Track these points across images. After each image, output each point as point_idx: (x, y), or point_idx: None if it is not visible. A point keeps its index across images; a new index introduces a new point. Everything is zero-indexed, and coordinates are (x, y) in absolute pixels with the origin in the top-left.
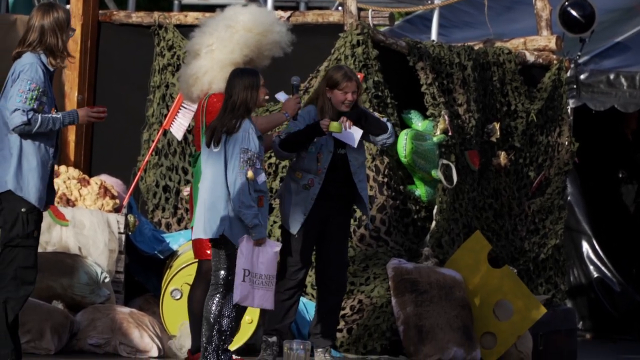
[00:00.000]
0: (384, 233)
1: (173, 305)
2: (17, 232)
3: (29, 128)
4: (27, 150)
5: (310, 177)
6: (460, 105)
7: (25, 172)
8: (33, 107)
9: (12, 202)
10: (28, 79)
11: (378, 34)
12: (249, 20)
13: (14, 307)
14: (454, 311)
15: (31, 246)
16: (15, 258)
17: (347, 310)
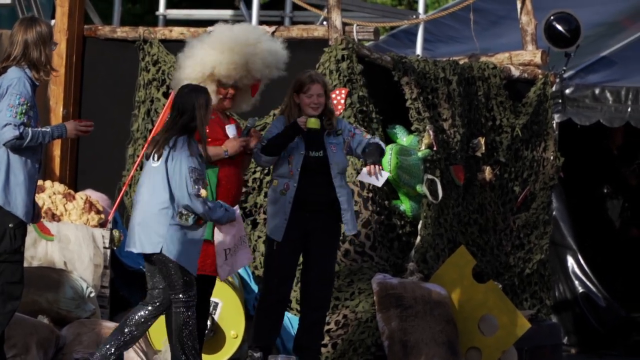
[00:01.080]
0: (369, 248)
1: (159, 320)
2: (4, 248)
3: (20, 142)
4: (14, 165)
5: (285, 182)
6: (445, 120)
7: (13, 186)
8: (23, 121)
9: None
10: (17, 93)
11: (363, 49)
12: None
13: (1, 322)
14: (439, 326)
15: (18, 261)
16: (2, 273)
17: (332, 325)
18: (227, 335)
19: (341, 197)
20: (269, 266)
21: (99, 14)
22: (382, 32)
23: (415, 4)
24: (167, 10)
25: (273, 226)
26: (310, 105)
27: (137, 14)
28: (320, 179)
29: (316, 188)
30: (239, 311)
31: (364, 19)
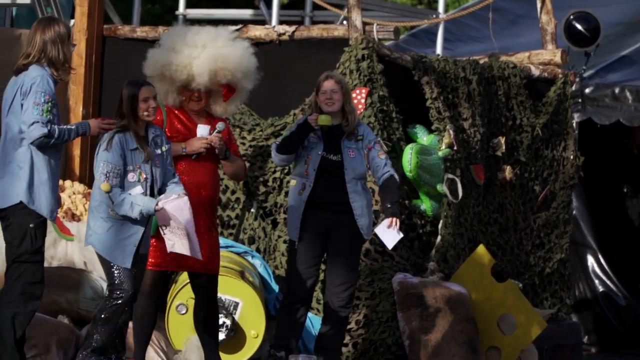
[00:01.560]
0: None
1: (178, 320)
2: (25, 248)
3: (47, 140)
4: (38, 164)
5: (303, 182)
6: (465, 120)
7: (37, 185)
8: (49, 118)
9: (21, 217)
10: (41, 91)
11: (383, 48)
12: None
13: (22, 322)
14: (459, 325)
15: (38, 262)
16: (23, 273)
17: (353, 325)
18: (248, 334)
19: (354, 203)
20: (290, 266)
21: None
22: (402, 31)
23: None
24: (187, 10)
25: (290, 226)
26: (325, 101)
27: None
28: (336, 182)
29: (332, 190)
30: (259, 311)
31: (384, 18)
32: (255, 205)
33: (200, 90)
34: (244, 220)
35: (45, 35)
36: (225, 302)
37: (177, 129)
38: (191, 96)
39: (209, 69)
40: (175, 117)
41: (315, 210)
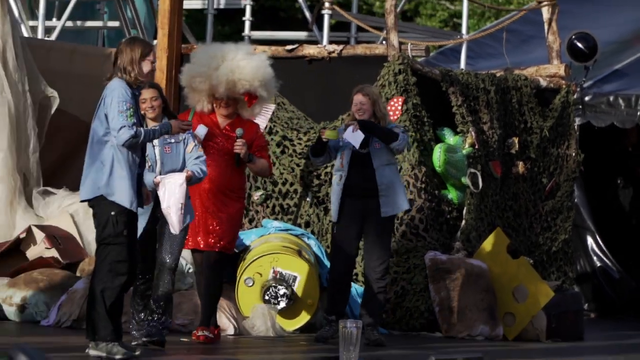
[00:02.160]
0: (422, 230)
1: (246, 291)
2: (108, 232)
3: (135, 140)
4: (117, 162)
5: (340, 174)
6: (484, 123)
7: (117, 179)
8: (134, 121)
9: (104, 206)
10: (122, 100)
11: (416, 64)
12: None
13: (110, 295)
14: (480, 295)
15: (122, 243)
16: (109, 254)
17: (392, 295)
18: (305, 303)
19: (381, 185)
20: (332, 245)
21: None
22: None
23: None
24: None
25: (333, 212)
26: (356, 112)
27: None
28: (366, 170)
29: (363, 179)
30: (314, 283)
31: (417, 38)
32: (310, 195)
33: (226, 98)
34: (300, 208)
35: (125, 53)
36: (285, 276)
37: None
38: (220, 103)
39: (227, 80)
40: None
41: (350, 197)
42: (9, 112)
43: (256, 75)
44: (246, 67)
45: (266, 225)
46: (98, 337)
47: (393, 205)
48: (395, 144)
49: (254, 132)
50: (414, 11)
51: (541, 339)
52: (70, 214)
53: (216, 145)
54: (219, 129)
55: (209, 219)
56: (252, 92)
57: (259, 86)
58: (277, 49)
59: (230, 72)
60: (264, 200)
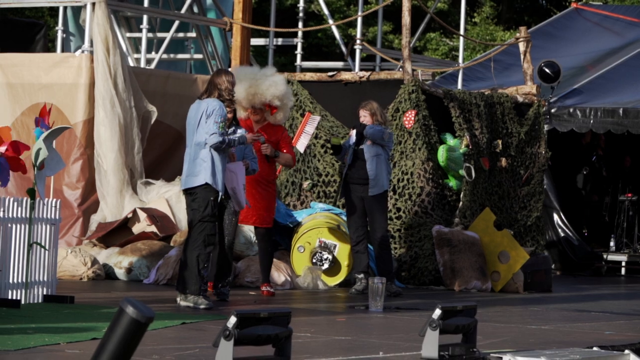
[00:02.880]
0: (430, 209)
1: (299, 256)
2: (208, 212)
3: (221, 145)
4: (215, 159)
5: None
6: (476, 129)
7: (217, 172)
8: (223, 132)
9: (205, 192)
10: (220, 114)
11: (424, 85)
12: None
13: (203, 259)
14: (474, 257)
15: (214, 221)
16: (204, 229)
17: (407, 258)
18: (342, 265)
19: (370, 172)
20: (347, 222)
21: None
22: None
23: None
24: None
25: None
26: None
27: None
28: (359, 163)
29: (357, 169)
30: (348, 250)
31: (425, 66)
32: None
33: (255, 108)
34: (339, 193)
35: (223, 80)
36: (328, 244)
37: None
38: (250, 112)
39: (246, 94)
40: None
41: (352, 184)
42: (119, 122)
43: (269, 90)
44: (262, 84)
45: (313, 206)
46: (189, 291)
47: (379, 187)
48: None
49: (280, 134)
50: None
51: (520, 291)
52: (166, 199)
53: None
54: (253, 132)
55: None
56: (270, 103)
57: (272, 99)
58: (321, 75)
59: (249, 88)
60: (311, 187)
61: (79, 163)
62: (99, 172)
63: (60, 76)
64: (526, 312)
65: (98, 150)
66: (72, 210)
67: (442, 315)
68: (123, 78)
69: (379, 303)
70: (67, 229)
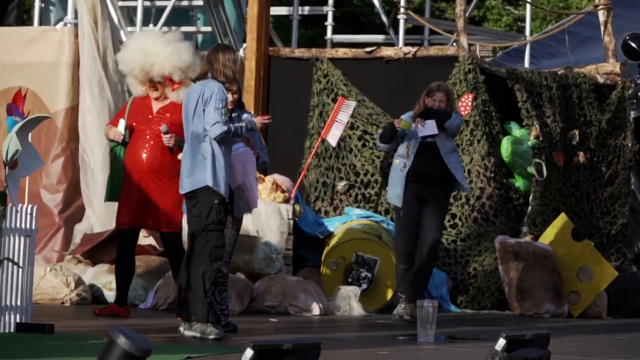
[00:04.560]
0: (492, 216)
1: (330, 274)
2: (212, 219)
3: (226, 136)
4: (217, 155)
5: (404, 161)
6: (548, 117)
7: (218, 171)
8: (227, 119)
9: (207, 195)
10: (220, 99)
11: (484, 63)
12: None
13: (210, 277)
14: (547, 275)
15: (221, 230)
16: (210, 240)
17: (465, 276)
18: (384, 284)
19: (454, 170)
20: (398, 229)
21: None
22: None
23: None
24: (333, 35)
25: (392, 194)
26: (433, 106)
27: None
28: (432, 159)
29: (429, 166)
30: (393, 266)
31: (485, 40)
32: None
33: (153, 82)
34: (381, 196)
35: (219, 57)
36: (367, 259)
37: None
38: (149, 87)
39: (140, 65)
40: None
41: (412, 183)
42: (109, 110)
43: (169, 60)
44: (160, 53)
45: (349, 212)
46: (195, 317)
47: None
48: (450, 121)
49: None
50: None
51: (603, 316)
52: None
53: (149, 130)
54: (152, 113)
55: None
56: (170, 76)
57: (174, 71)
58: (357, 51)
59: (145, 57)
60: (347, 190)
61: (60, 160)
62: (84, 172)
63: (37, 54)
64: (610, 342)
65: (84, 144)
66: (51, 219)
67: (507, 346)
68: (114, 56)
69: (429, 332)
70: (45, 242)
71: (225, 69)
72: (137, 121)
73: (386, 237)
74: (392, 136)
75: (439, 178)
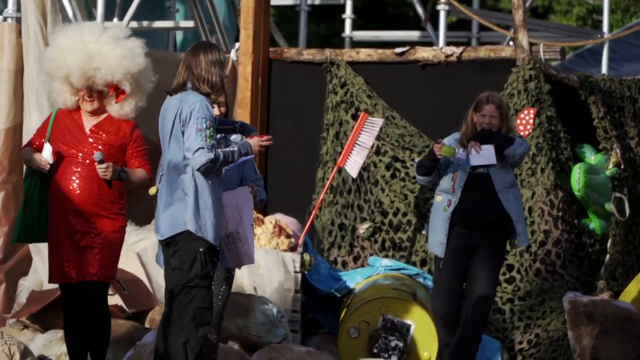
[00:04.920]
0: (560, 267)
1: (350, 343)
2: (196, 273)
3: (213, 165)
4: (202, 190)
5: (449, 198)
6: (631, 139)
7: (202, 211)
8: (213, 143)
9: (189, 242)
10: (202, 117)
11: (550, 69)
12: None
13: (193, 347)
14: (630, 343)
15: (207, 286)
16: (193, 299)
17: (525, 345)
18: (421, 356)
19: (511, 210)
20: (437, 283)
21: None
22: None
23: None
24: (354, 32)
25: (433, 241)
26: (483, 124)
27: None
28: (484, 195)
29: (480, 205)
30: (431, 332)
31: (550, 38)
32: (427, 227)
33: (92, 90)
34: (415, 242)
35: (201, 60)
36: (397, 324)
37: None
38: (83, 97)
39: (82, 67)
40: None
41: (459, 227)
42: None
43: (121, 63)
44: (108, 54)
45: (374, 264)
46: None
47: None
48: (513, 148)
49: (127, 135)
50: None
51: None
52: (137, 253)
53: (80, 153)
54: (83, 132)
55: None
56: (118, 85)
57: (122, 79)
58: (384, 52)
59: (88, 58)
60: (371, 234)
61: None
62: None
63: None
64: None
65: None
66: None
67: None
68: None
69: None
70: None
71: (209, 75)
72: (65, 142)
73: (422, 295)
74: (433, 166)
75: (493, 222)
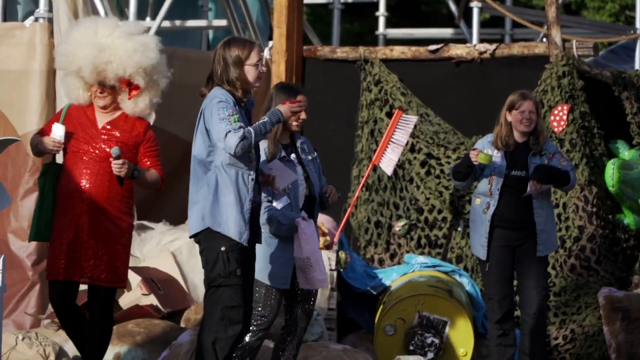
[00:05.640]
0: (594, 262)
1: (386, 341)
2: (218, 272)
3: (248, 142)
4: (222, 186)
5: (487, 200)
6: None
7: (223, 206)
8: (240, 125)
9: (212, 240)
10: (222, 107)
11: (583, 65)
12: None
13: (222, 347)
14: None
15: (235, 285)
16: (220, 298)
17: (560, 340)
18: (457, 353)
19: (538, 218)
20: (486, 285)
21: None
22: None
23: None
24: (387, 30)
25: (476, 244)
26: (522, 120)
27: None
28: (523, 199)
29: (516, 207)
30: (467, 329)
31: (583, 35)
32: (463, 224)
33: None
34: (451, 239)
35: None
36: (433, 321)
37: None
38: (95, 92)
39: (92, 62)
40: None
41: (500, 229)
42: None
43: (133, 57)
44: (120, 47)
45: (409, 261)
46: None
47: (551, 242)
48: (571, 184)
49: (140, 134)
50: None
51: None
52: (172, 253)
53: (92, 150)
54: (96, 128)
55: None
56: (131, 79)
57: (135, 73)
58: (418, 50)
59: (100, 52)
60: (407, 231)
61: (32, 197)
62: None
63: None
64: None
65: None
66: (23, 273)
67: None
68: None
69: None
70: (16, 302)
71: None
72: (76, 137)
73: (458, 292)
74: (468, 172)
75: (528, 223)
